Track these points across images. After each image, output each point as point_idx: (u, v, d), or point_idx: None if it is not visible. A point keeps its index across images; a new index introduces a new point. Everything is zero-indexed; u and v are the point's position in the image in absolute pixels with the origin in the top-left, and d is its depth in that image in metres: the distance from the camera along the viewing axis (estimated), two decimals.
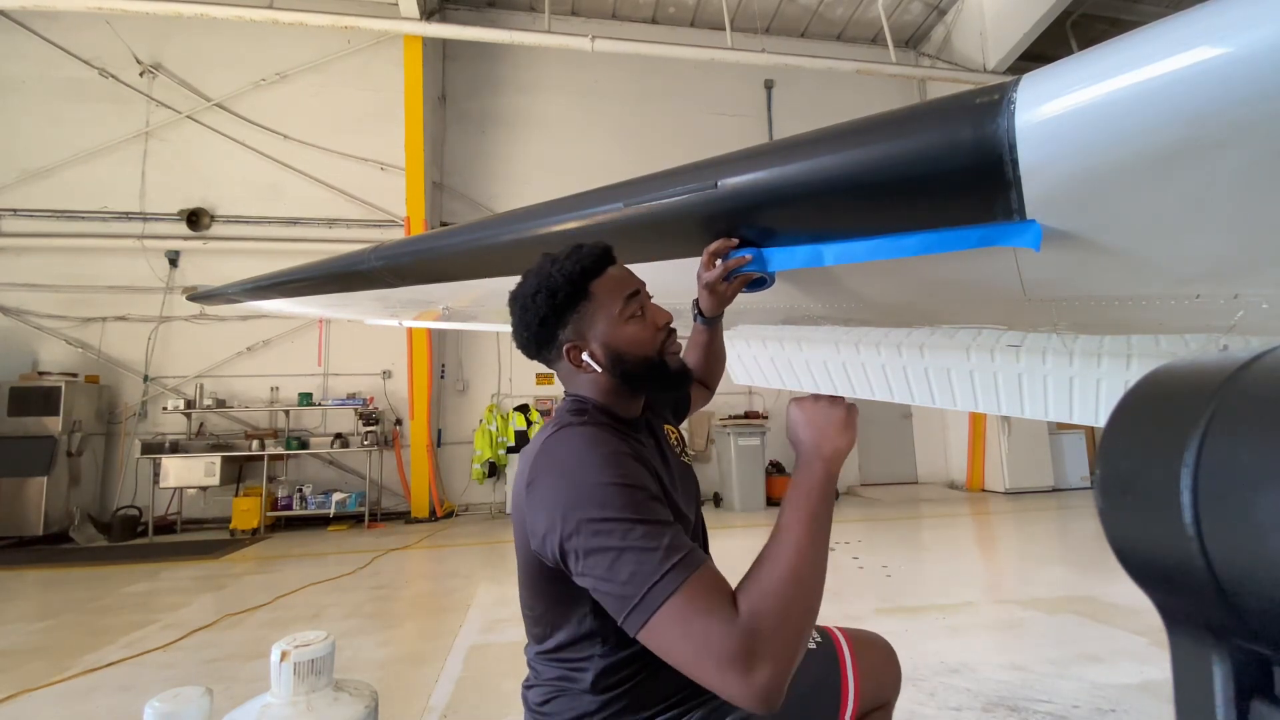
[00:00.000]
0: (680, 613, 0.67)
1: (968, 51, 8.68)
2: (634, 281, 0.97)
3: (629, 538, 0.71)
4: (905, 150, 0.75)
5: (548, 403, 7.93)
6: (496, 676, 2.64)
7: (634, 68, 8.47)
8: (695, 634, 0.67)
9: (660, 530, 0.73)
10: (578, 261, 0.92)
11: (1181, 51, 0.51)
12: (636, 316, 0.94)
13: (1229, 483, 0.30)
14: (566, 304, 0.92)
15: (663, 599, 0.68)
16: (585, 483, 0.76)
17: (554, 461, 0.81)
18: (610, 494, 0.75)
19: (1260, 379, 0.32)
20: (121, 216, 7.23)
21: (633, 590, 0.69)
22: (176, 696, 0.96)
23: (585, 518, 0.73)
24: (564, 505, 0.76)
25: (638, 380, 0.94)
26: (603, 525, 0.73)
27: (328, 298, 2.05)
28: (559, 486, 0.78)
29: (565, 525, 0.74)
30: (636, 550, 0.71)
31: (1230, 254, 0.82)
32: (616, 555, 0.71)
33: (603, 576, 0.71)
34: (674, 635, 0.68)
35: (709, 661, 0.66)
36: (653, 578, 0.69)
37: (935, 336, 1.72)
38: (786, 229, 0.99)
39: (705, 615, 0.67)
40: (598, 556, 0.72)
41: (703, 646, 0.66)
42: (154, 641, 3.15)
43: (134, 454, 6.60)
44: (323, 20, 6.66)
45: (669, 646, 0.68)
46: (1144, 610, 2.90)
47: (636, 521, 0.73)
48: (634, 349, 0.93)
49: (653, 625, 0.68)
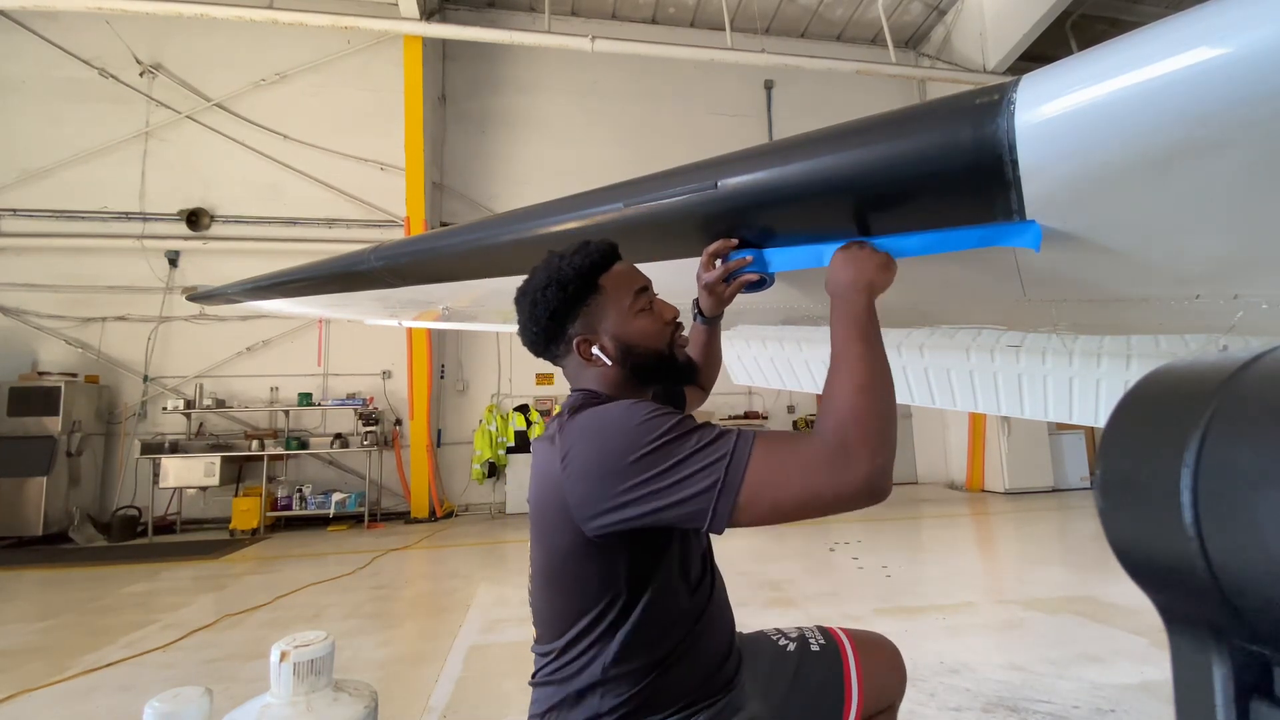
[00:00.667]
0: (765, 465, 0.73)
1: (968, 52, 8.68)
2: (642, 277, 0.99)
3: (685, 446, 0.75)
4: (905, 151, 0.75)
5: (548, 403, 7.93)
6: (496, 676, 2.64)
7: (634, 68, 8.47)
8: (790, 467, 0.72)
9: (707, 429, 0.77)
10: (587, 256, 0.94)
11: (1181, 51, 0.51)
12: (646, 310, 0.96)
13: (1229, 483, 0.30)
14: (577, 297, 0.93)
15: (743, 468, 0.72)
16: (624, 429, 0.79)
17: (586, 429, 0.83)
18: (650, 425, 0.77)
19: (1260, 379, 0.32)
20: (121, 216, 7.24)
21: (710, 480, 0.73)
22: (176, 696, 0.96)
23: (637, 454, 0.76)
24: (613, 455, 0.78)
25: (647, 373, 0.96)
26: (657, 451, 0.75)
27: (328, 298, 2.05)
28: (599, 445, 0.80)
29: (618, 472, 0.77)
30: (697, 452, 0.74)
31: (1230, 255, 0.82)
32: (680, 463, 0.74)
33: (675, 490, 0.74)
34: (771, 486, 0.72)
35: (814, 478, 0.71)
36: (724, 460, 0.73)
37: (935, 336, 1.72)
38: (787, 230, 0.99)
39: (789, 450, 0.74)
40: (662, 477, 0.74)
41: (801, 472, 0.72)
42: (154, 641, 3.15)
43: (134, 454, 6.61)
44: (322, 20, 6.66)
45: (773, 499, 0.72)
46: (1144, 610, 2.90)
47: (686, 433, 0.76)
48: (644, 342, 0.95)
49: (745, 496, 0.72)
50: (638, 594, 0.84)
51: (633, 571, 0.84)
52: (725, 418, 7.87)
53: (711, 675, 0.91)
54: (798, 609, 3.41)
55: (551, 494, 0.84)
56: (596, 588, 0.83)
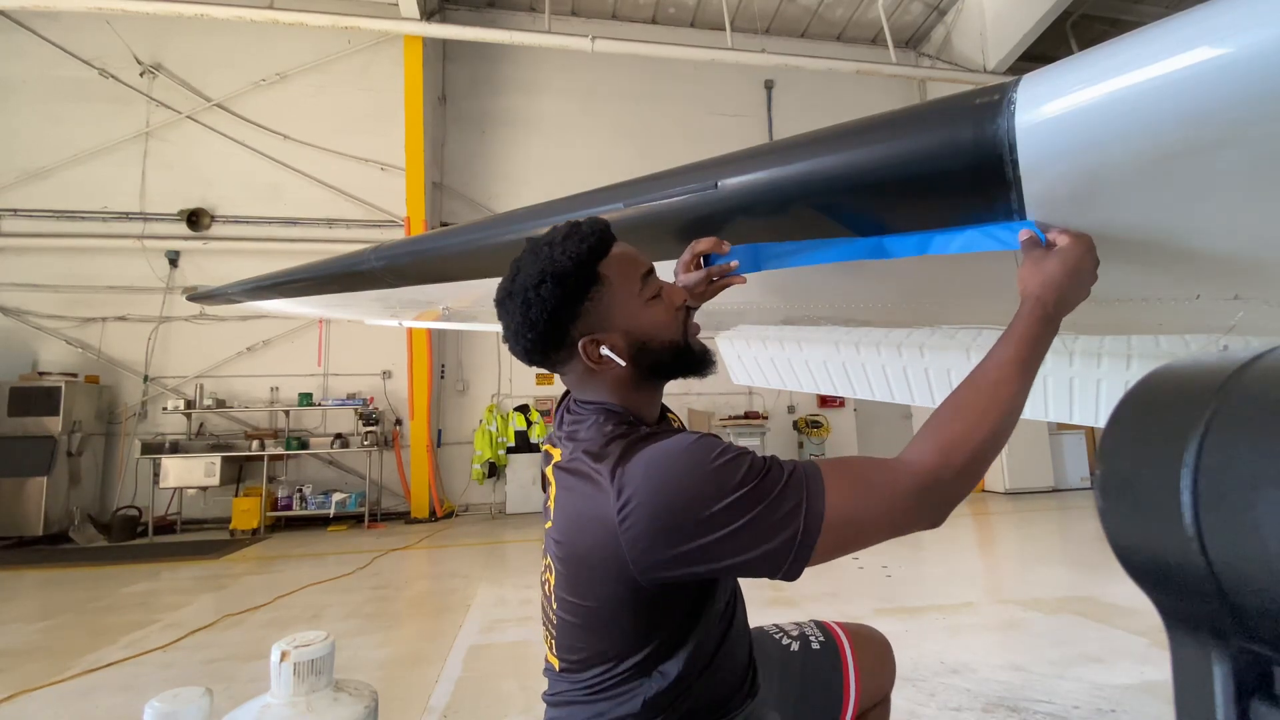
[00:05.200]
0: (844, 503, 0.69)
1: (968, 52, 8.68)
2: (644, 260, 0.87)
3: (761, 496, 0.69)
4: (905, 151, 0.75)
5: (548, 403, 7.93)
6: (496, 677, 2.63)
7: (634, 68, 8.47)
8: (872, 503, 0.69)
9: (778, 470, 0.71)
10: (583, 241, 0.80)
11: (1181, 51, 0.51)
12: (656, 298, 0.85)
13: (1229, 483, 0.30)
14: (578, 292, 0.80)
15: (821, 515, 0.68)
16: (697, 479, 0.70)
17: (651, 477, 0.72)
18: (725, 473, 0.70)
19: (1260, 379, 0.32)
20: (121, 216, 7.24)
21: (789, 534, 0.68)
22: (176, 697, 0.96)
23: (713, 509, 0.68)
24: (686, 509, 0.69)
25: (665, 369, 0.86)
26: (734, 505, 0.68)
27: (328, 298, 2.05)
28: (668, 498, 0.70)
29: (691, 526, 0.69)
30: (774, 501, 0.68)
31: (1230, 255, 0.82)
32: (757, 517, 0.68)
33: (752, 546, 0.68)
34: (852, 525, 0.69)
35: (899, 510, 0.69)
36: (801, 509, 0.68)
37: (935, 336, 1.72)
38: (784, 230, 0.99)
39: (868, 482, 0.70)
40: (739, 534, 0.68)
41: (886, 505, 0.69)
42: (154, 642, 3.15)
43: (134, 454, 6.61)
44: (323, 20, 6.66)
45: (852, 537, 0.69)
46: (1144, 610, 2.89)
47: (761, 480, 0.70)
48: (659, 334, 0.84)
49: (822, 544, 0.68)
50: (686, 632, 0.78)
51: (685, 613, 0.78)
52: (725, 418, 7.86)
53: (738, 687, 0.86)
54: (798, 609, 3.41)
55: (599, 542, 0.74)
56: (646, 631, 0.76)
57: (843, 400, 8.53)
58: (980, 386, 0.73)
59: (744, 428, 7.42)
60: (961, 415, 0.72)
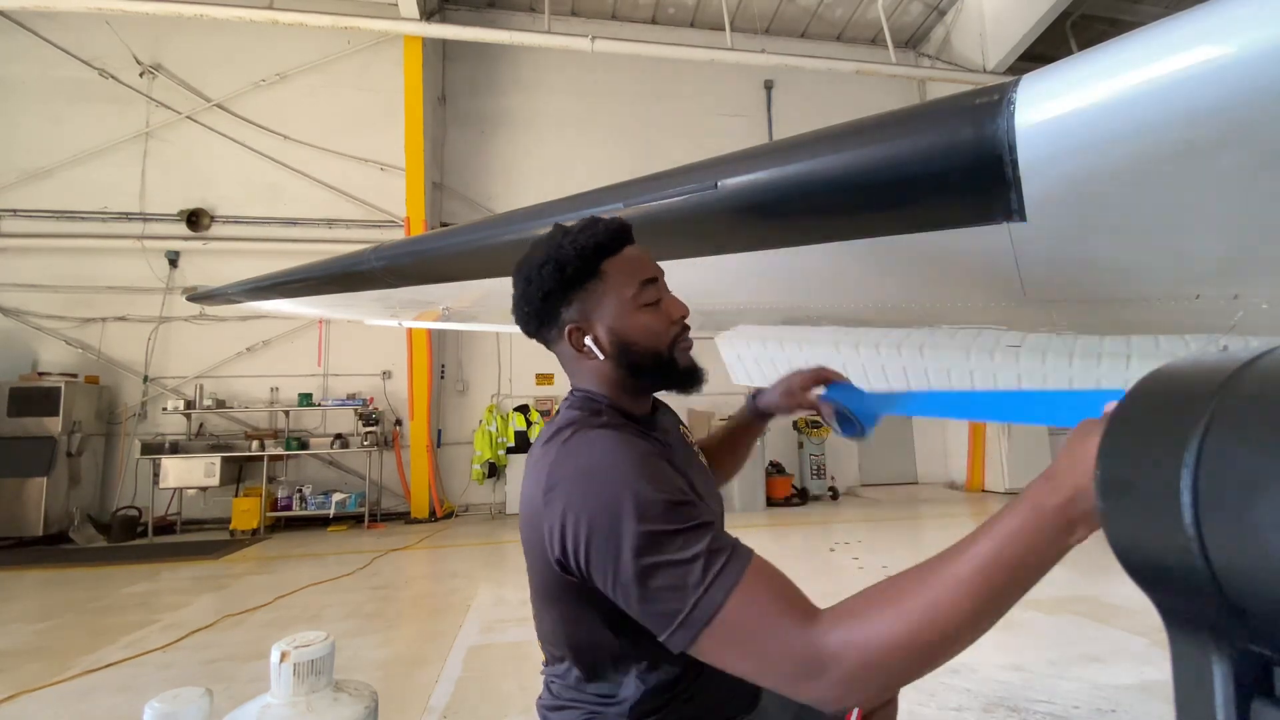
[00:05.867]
0: (737, 617, 0.60)
1: (967, 52, 8.68)
2: (652, 267, 0.88)
3: (667, 549, 0.63)
4: (905, 151, 0.75)
5: (548, 403, 7.92)
6: (496, 677, 2.64)
7: (634, 68, 8.47)
8: (760, 638, 0.59)
9: (698, 534, 0.64)
10: (593, 236, 0.84)
11: (1181, 51, 0.51)
12: (651, 305, 0.86)
13: (1229, 483, 0.30)
14: (575, 280, 0.84)
15: (713, 610, 0.60)
16: (612, 491, 0.68)
17: (577, 467, 0.73)
18: (640, 502, 0.66)
19: (1260, 379, 0.32)
20: (121, 217, 7.24)
21: (673, 608, 0.62)
22: (176, 697, 0.96)
23: (615, 530, 0.65)
24: (590, 514, 0.67)
25: (643, 374, 0.87)
26: (637, 538, 0.64)
27: (328, 298, 2.05)
28: (585, 494, 0.69)
29: (594, 537, 0.66)
30: (674, 563, 0.63)
31: (1230, 254, 0.82)
32: (653, 569, 0.63)
33: (639, 594, 0.63)
34: (731, 645, 0.60)
35: (775, 666, 0.59)
36: (697, 591, 0.61)
37: (935, 336, 1.72)
38: (784, 230, 0.99)
39: (770, 618, 0.59)
40: (632, 571, 0.63)
41: (765, 654, 0.59)
42: (154, 642, 3.15)
43: (134, 454, 6.61)
44: (323, 21, 6.66)
45: (728, 659, 0.61)
46: (1144, 610, 2.89)
47: (674, 532, 0.64)
48: (643, 340, 0.85)
49: (704, 642, 0.61)
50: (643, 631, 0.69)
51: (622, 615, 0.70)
52: (725, 418, 7.85)
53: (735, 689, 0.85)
54: None
55: (530, 521, 0.76)
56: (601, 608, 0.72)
57: None
58: (935, 575, 0.56)
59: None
60: (903, 607, 0.56)
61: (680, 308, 0.90)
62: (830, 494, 8.08)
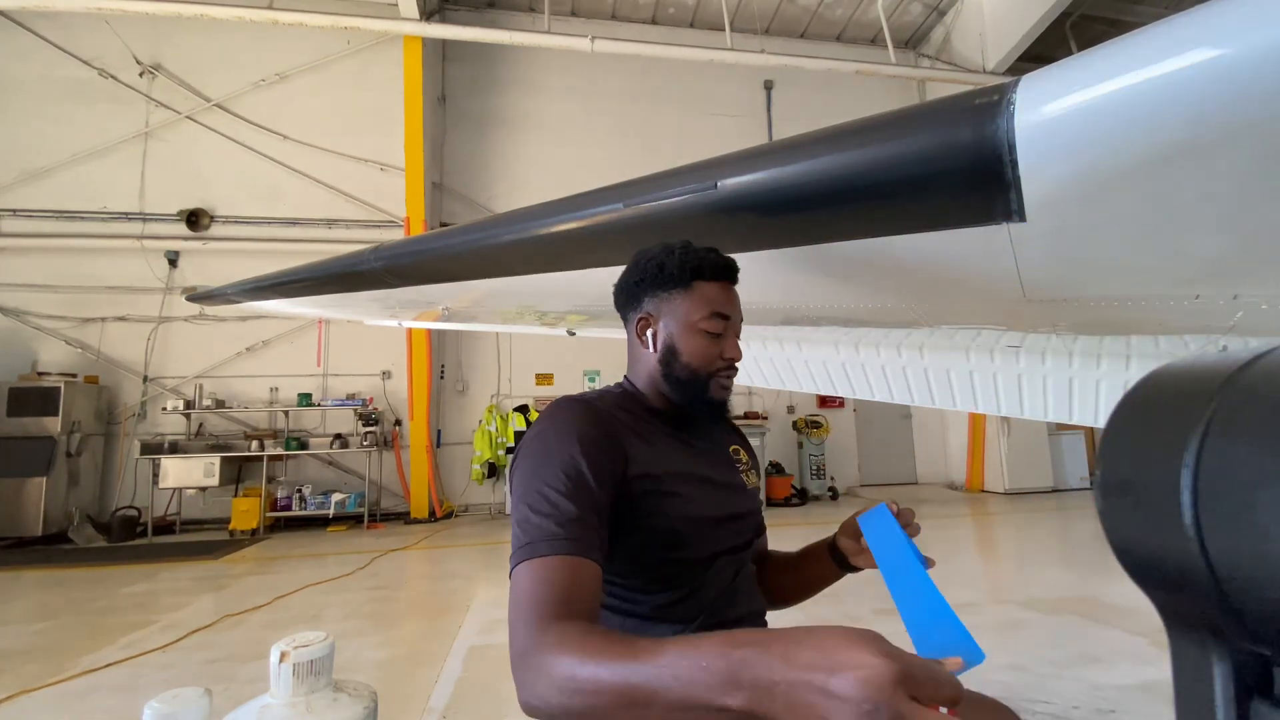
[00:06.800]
0: (516, 584, 0.74)
1: (967, 52, 8.69)
2: (731, 308, 0.98)
3: (533, 504, 0.79)
4: (904, 151, 0.75)
5: (547, 403, 7.92)
6: (496, 677, 2.63)
7: (634, 68, 8.47)
8: (511, 613, 0.73)
9: (551, 512, 0.77)
10: (699, 257, 0.95)
11: (1181, 51, 0.51)
12: (712, 335, 0.95)
13: (1229, 483, 0.30)
14: (665, 281, 0.96)
15: (513, 566, 0.76)
16: (537, 447, 0.85)
17: (538, 422, 0.90)
18: (538, 465, 0.82)
19: (1260, 379, 0.32)
20: (121, 217, 7.24)
21: (513, 545, 0.78)
22: (176, 697, 0.96)
23: (524, 475, 0.83)
24: (521, 459, 0.86)
25: (677, 386, 0.97)
26: (529, 486, 0.80)
27: (328, 298, 2.05)
28: (528, 444, 0.87)
29: (518, 468, 0.85)
30: (529, 520, 0.78)
31: (1230, 255, 0.82)
32: (521, 514, 0.80)
33: (514, 522, 0.81)
34: (511, 596, 0.75)
35: (511, 646, 0.70)
36: (518, 544, 0.77)
37: (935, 337, 1.72)
38: (784, 230, 0.99)
39: (522, 602, 0.72)
40: (516, 506, 0.82)
41: (510, 628, 0.72)
42: (153, 642, 3.15)
43: (133, 454, 6.61)
44: (322, 21, 6.66)
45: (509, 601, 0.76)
46: (1144, 610, 2.89)
47: (545, 496, 0.79)
48: (690, 358, 0.95)
49: (512, 577, 0.77)
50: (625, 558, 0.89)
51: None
52: None
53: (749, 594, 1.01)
54: (797, 609, 3.41)
55: None
56: None
57: (842, 400, 8.53)
58: (631, 664, 0.57)
59: (743, 428, 7.41)
60: (583, 664, 0.59)
61: (736, 351, 0.98)
62: (830, 494, 8.09)
